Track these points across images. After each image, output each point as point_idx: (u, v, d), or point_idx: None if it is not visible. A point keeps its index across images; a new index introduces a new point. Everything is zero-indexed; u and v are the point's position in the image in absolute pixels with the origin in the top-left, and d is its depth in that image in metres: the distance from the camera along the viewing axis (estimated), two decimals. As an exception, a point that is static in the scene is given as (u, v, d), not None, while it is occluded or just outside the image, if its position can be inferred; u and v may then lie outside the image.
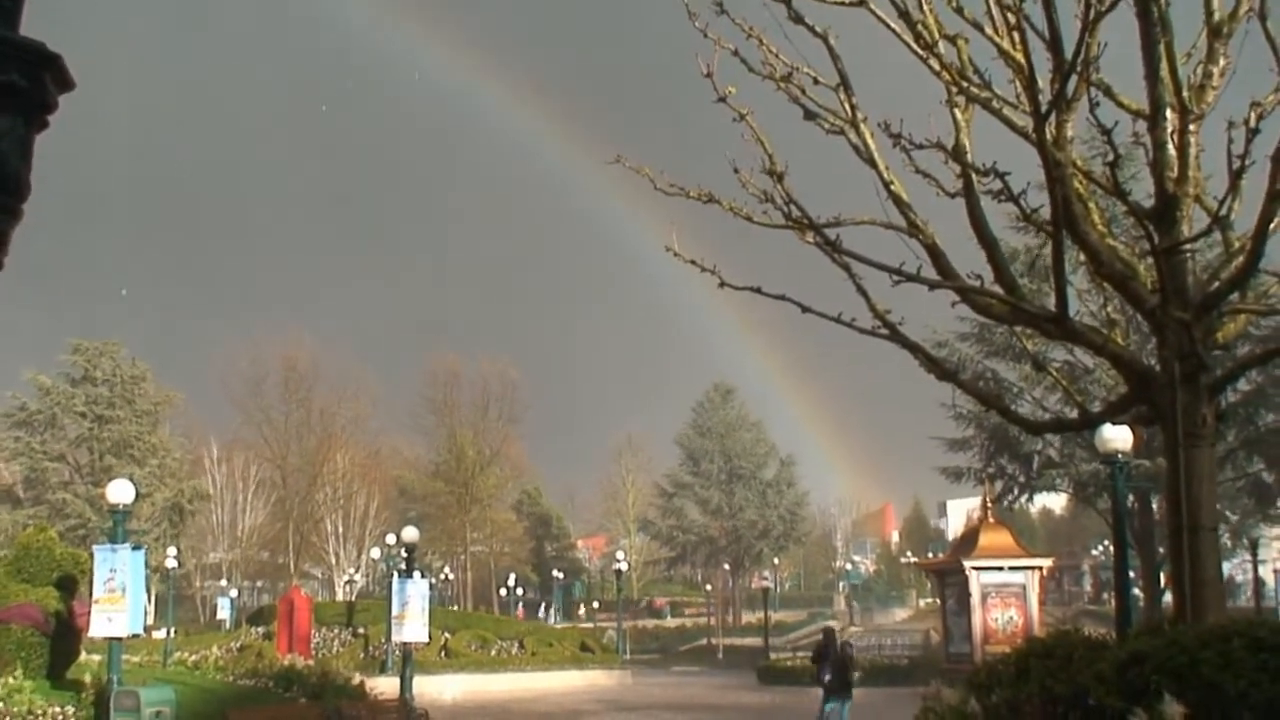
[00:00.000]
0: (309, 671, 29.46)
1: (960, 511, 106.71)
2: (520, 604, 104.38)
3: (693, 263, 15.87)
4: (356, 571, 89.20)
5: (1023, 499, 47.78)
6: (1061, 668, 13.18)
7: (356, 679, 30.46)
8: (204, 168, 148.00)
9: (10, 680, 21.45)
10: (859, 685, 40.81)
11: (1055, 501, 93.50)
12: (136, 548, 22.00)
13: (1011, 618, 26.69)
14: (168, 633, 53.11)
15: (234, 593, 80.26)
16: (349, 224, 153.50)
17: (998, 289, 13.98)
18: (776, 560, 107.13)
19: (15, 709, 20.55)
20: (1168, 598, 16.72)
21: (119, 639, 21.98)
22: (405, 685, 31.05)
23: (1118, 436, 16.69)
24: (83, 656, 26.40)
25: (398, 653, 35.54)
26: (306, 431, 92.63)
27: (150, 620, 71.70)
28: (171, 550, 60.12)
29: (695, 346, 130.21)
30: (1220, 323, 14.61)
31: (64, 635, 24.06)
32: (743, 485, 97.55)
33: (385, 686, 31.73)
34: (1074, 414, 19.27)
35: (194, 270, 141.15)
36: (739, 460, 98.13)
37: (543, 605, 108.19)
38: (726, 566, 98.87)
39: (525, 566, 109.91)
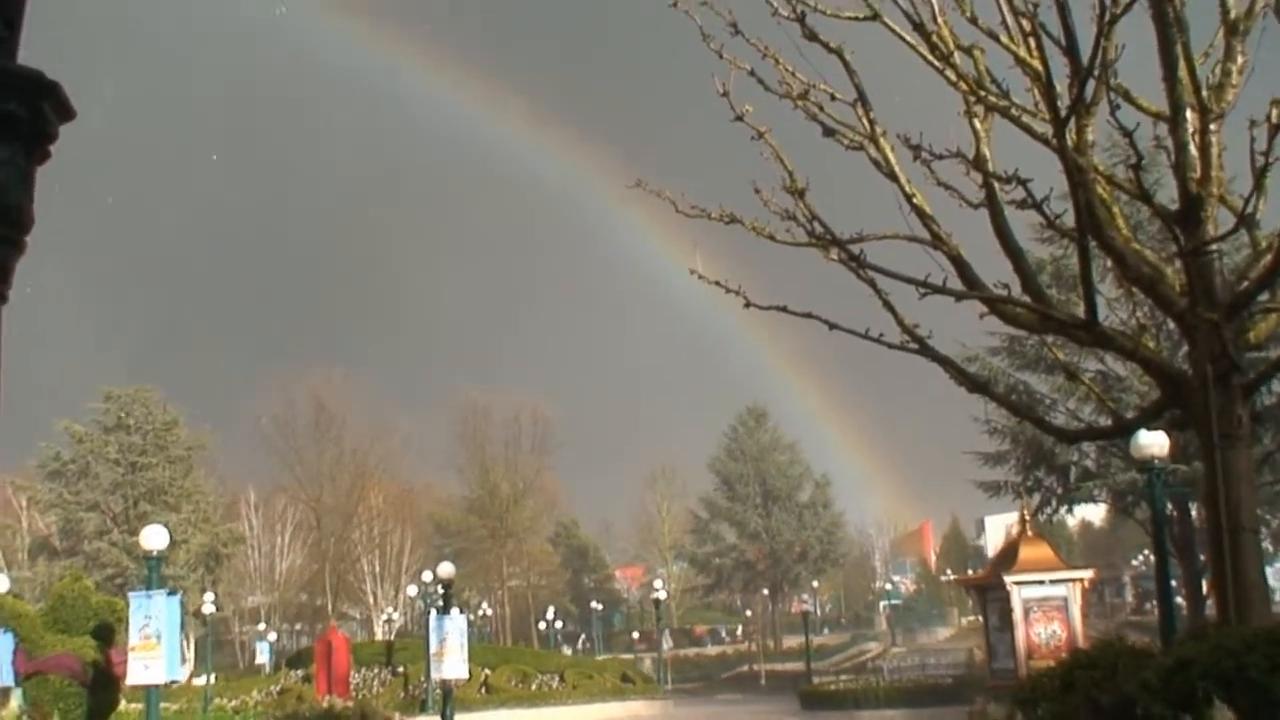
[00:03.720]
0: (348, 713, 29.47)
1: (999, 527, 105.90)
2: (559, 637, 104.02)
3: (717, 283, 15.83)
4: (395, 610, 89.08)
5: (1060, 511, 47.38)
6: (1107, 678, 13.04)
7: (395, 718, 30.35)
8: (238, 210, 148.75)
9: (49, 730, 21.51)
10: (902, 706, 40.71)
11: (1093, 513, 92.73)
12: (172, 593, 21.98)
13: (1055, 632, 26.38)
14: (207, 679, 53.03)
15: (272, 636, 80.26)
16: (375, 262, 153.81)
17: (1025, 298, 13.89)
18: (815, 583, 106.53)
19: (56, 760, 20.59)
20: (1211, 606, 16.57)
21: (157, 686, 21.95)
22: (446, 721, 30.96)
23: (1153, 442, 16.50)
24: (123, 705, 26.41)
25: (438, 690, 35.42)
26: (339, 471, 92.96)
27: (190, 667, 71.88)
28: (209, 595, 60.11)
29: (727, 371, 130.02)
30: (1251, 323, 14.49)
31: (102, 685, 24.09)
32: (779, 508, 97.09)
33: (428, 725, 31.67)
34: (1108, 422, 19.19)
35: (222, 314, 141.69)
36: (774, 483, 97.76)
37: (581, 638, 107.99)
38: (765, 591, 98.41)
39: (563, 599, 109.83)
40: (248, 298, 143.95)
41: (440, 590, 34.02)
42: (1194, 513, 38.46)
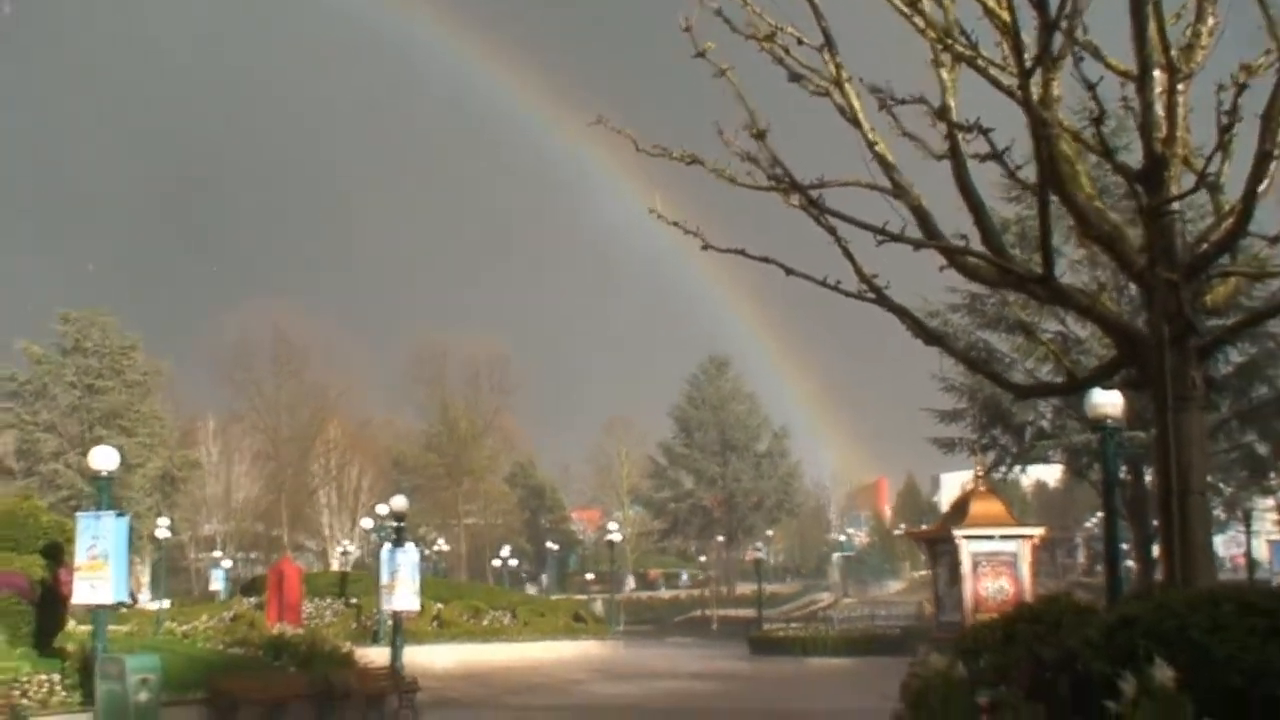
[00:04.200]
0: (298, 641, 29.38)
1: (954, 485, 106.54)
2: (514, 576, 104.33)
3: (675, 224, 15.74)
4: (350, 543, 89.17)
5: (1014, 470, 47.75)
6: (1049, 632, 13.11)
7: (346, 648, 30.37)
8: (197, 141, 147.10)
9: (-6, 647, 21.41)
10: (849, 655, 41.12)
11: (1049, 474, 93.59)
12: (120, 514, 21.89)
13: (1003, 587, 26.56)
14: (159, 603, 53.01)
15: (227, 564, 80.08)
16: (336, 197, 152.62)
17: (984, 251, 13.88)
18: (770, 532, 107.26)
19: (1, 676, 20.48)
20: (1160, 571, 16.70)
21: (103, 606, 21.87)
22: (395, 654, 30.96)
23: (1107, 401, 16.54)
24: (72, 626, 26.32)
25: (389, 622, 35.46)
26: (298, 403, 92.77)
27: (146, 592, 71.75)
28: (163, 520, 59.90)
29: (688, 320, 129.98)
30: (1210, 286, 14.51)
31: (50, 604, 23.96)
32: (736, 457, 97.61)
33: (376, 656, 31.61)
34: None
35: (185, 242, 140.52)
36: (733, 432, 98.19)
37: (543, 578, 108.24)
38: (721, 538, 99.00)
39: (519, 538, 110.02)
40: (208, 226, 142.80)
41: (393, 523, 33.95)
42: (1147, 477, 38.77)
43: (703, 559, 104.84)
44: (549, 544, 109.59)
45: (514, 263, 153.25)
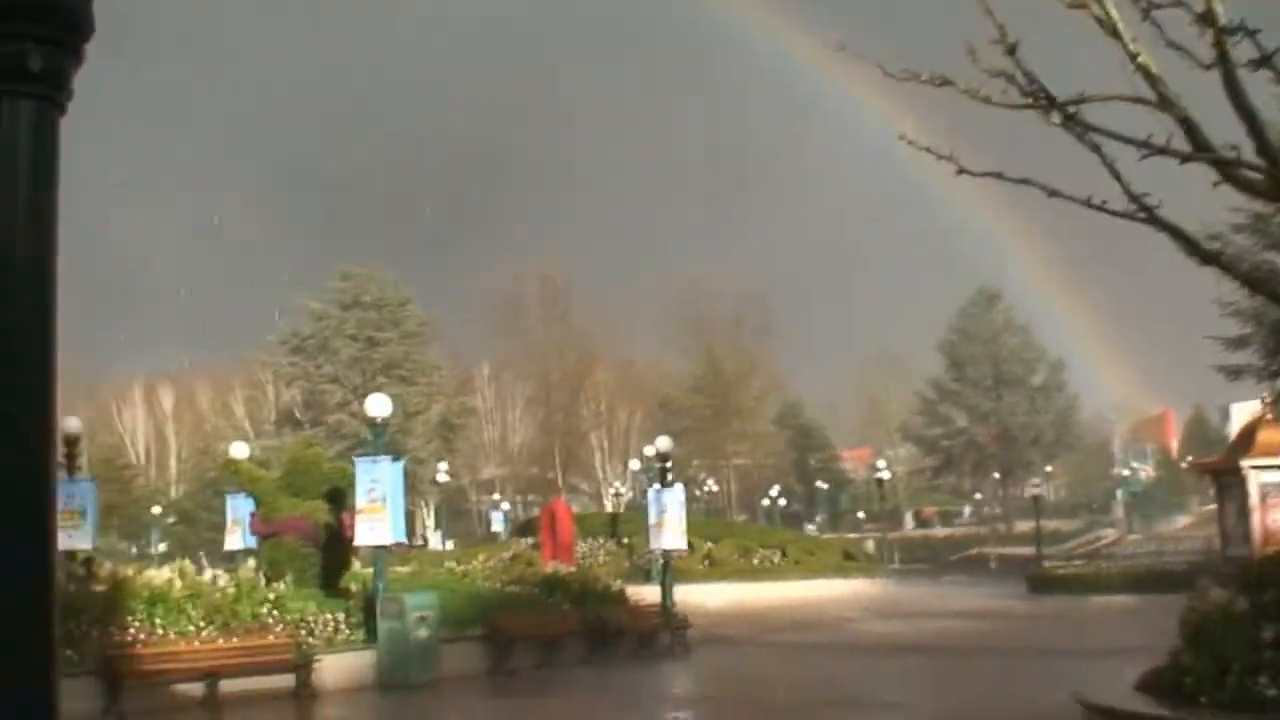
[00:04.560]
0: (571, 579, 30.03)
1: (1245, 416, 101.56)
2: (781, 516, 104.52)
3: (927, 149, 15.25)
4: (622, 484, 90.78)
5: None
6: (1340, 564, 12.39)
7: (617, 586, 30.91)
8: (463, 95, 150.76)
9: (281, 588, 22.50)
10: (1132, 592, 39.68)
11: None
12: (396, 459, 22.73)
13: (1293, 518, 25.22)
14: (442, 542, 55.10)
15: (506, 505, 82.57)
16: (601, 140, 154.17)
17: (1258, 161, 13.00)
18: (1049, 468, 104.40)
19: (288, 616, 21.53)
20: None
21: (384, 547, 22.77)
22: (666, 592, 31.32)
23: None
24: (357, 567, 27.49)
25: (659, 561, 35.91)
26: (566, 348, 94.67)
27: (437, 534, 74.86)
28: (443, 465, 62.13)
29: (955, 252, 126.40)
30: None
31: (334, 546, 25.07)
32: (1010, 391, 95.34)
33: (648, 594, 32.04)
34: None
35: (450, 190, 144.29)
36: (1006, 366, 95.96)
37: (819, 518, 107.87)
38: (996, 475, 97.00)
39: (788, 478, 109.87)
40: (477, 181, 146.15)
41: (659, 464, 34.30)
42: None
43: (977, 496, 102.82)
44: (818, 484, 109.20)
45: (772, 196, 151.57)
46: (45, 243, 2.49)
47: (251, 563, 24.62)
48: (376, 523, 22.11)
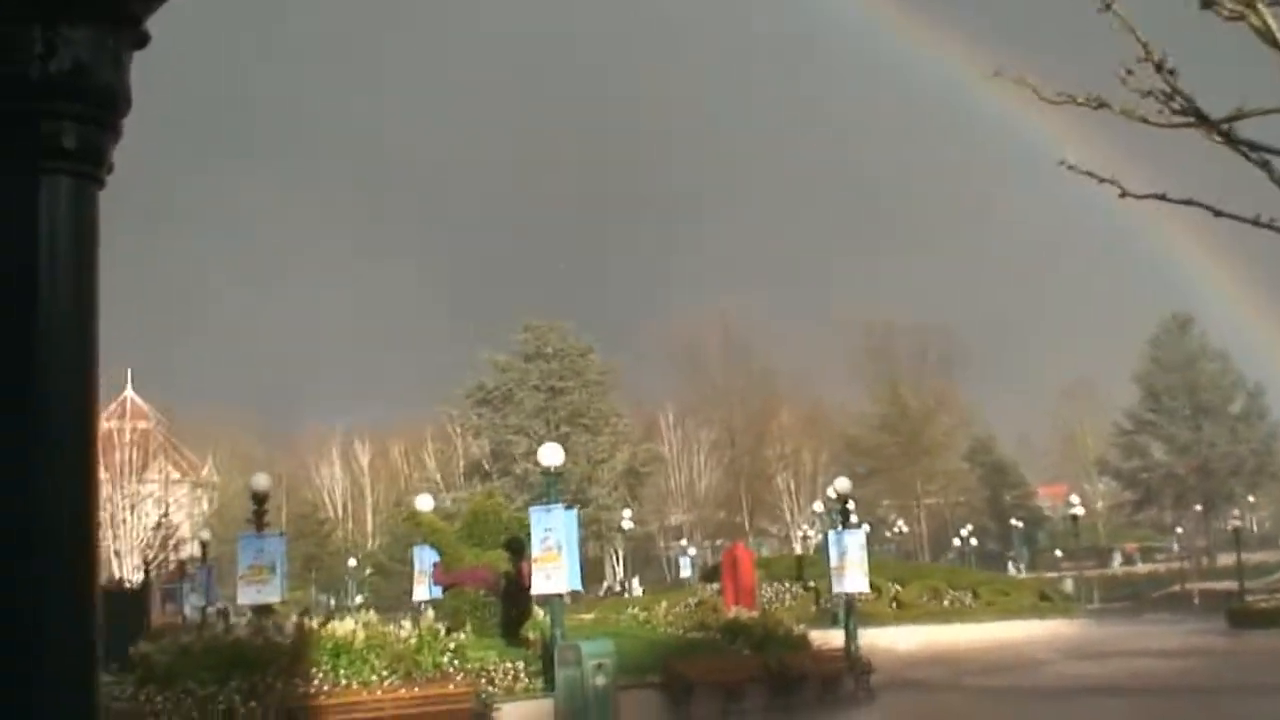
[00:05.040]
0: (753, 624, 29.82)
1: None
2: (974, 556, 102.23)
3: (1089, 174, 14.91)
4: (810, 527, 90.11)
5: None
6: None
7: (799, 630, 30.62)
8: (638, 132, 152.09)
9: (462, 637, 22.82)
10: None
11: None
12: (570, 507, 22.91)
13: None
14: (627, 588, 55.32)
15: (693, 551, 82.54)
16: (778, 179, 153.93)
17: None
18: (1251, 498, 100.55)
19: (469, 665, 21.83)
20: None
21: (560, 595, 22.95)
22: (850, 635, 30.93)
23: None
24: (540, 616, 27.76)
25: (843, 604, 35.46)
26: (749, 391, 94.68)
27: (636, 580, 75.47)
28: (626, 512, 62.49)
29: (1142, 276, 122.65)
30: None
31: (514, 595, 25.39)
32: (1209, 420, 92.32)
33: (833, 638, 31.67)
34: None
35: (630, 239, 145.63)
36: (1203, 394, 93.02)
37: (1020, 558, 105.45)
38: (1198, 507, 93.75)
39: (982, 516, 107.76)
40: (650, 226, 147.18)
41: (839, 505, 33.96)
42: None
43: (1179, 530, 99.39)
44: (1013, 521, 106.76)
45: (951, 228, 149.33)
46: (87, 318, 2.56)
47: (431, 613, 25.06)
48: (552, 571, 22.29)
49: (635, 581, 74.84)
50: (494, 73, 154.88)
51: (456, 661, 21.88)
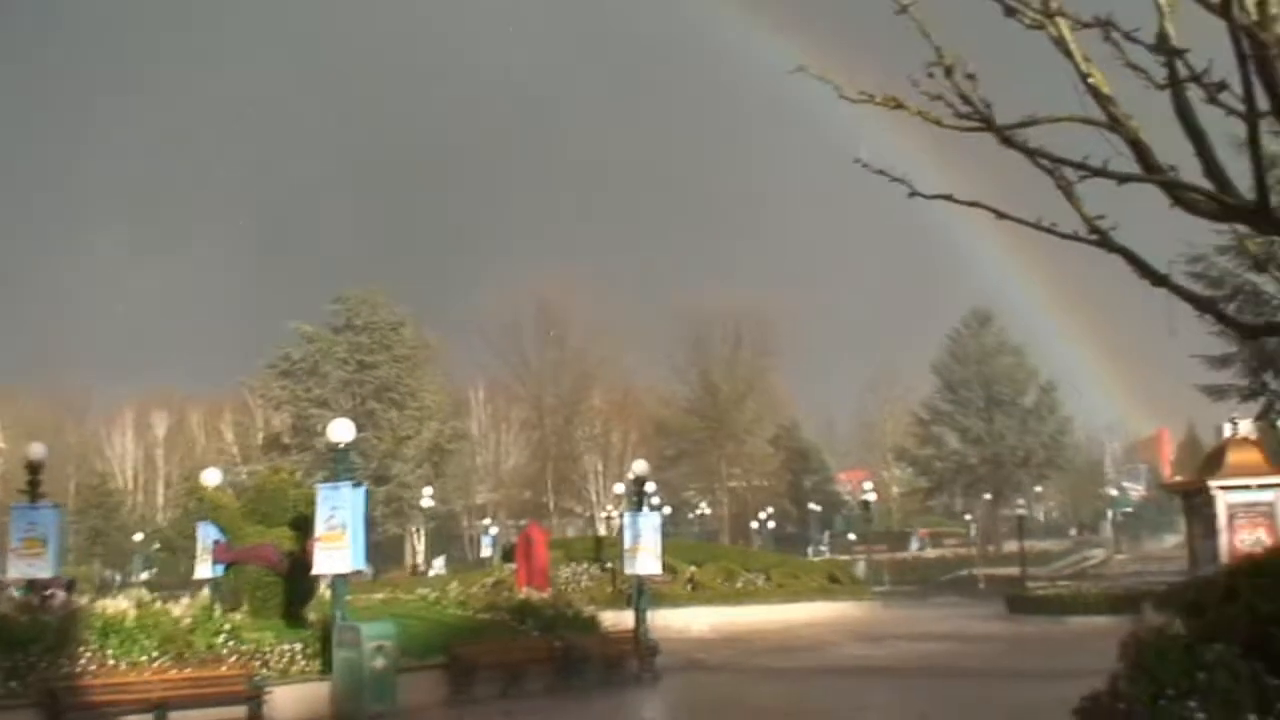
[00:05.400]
0: (544, 605, 29.77)
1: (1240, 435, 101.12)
2: (774, 539, 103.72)
3: (881, 172, 15.14)
4: (615, 508, 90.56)
5: (1289, 416, 45.11)
6: (1272, 585, 12.22)
7: (590, 612, 30.68)
8: (454, 110, 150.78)
9: (238, 617, 22.32)
10: (1110, 614, 39.36)
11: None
12: (357, 485, 22.49)
13: (1260, 538, 25.08)
14: (425, 568, 54.77)
15: (495, 530, 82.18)
16: (597, 161, 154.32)
17: (1197, 184, 12.92)
18: (1039, 489, 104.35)
19: (244, 646, 21.34)
20: None
21: (343, 575, 22.58)
22: (640, 618, 31.06)
23: (1354, 340, 15.33)
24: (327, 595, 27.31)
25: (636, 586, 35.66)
26: (562, 371, 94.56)
27: (422, 559, 74.64)
28: (428, 490, 61.79)
29: (953, 272, 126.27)
30: None
31: (299, 574, 24.84)
32: (1002, 413, 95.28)
33: (628, 620, 31.80)
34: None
35: (448, 215, 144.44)
36: (998, 387, 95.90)
37: (826, 536, 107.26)
38: (987, 496, 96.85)
39: (783, 500, 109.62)
40: (474, 198, 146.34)
41: (635, 488, 34.08)
42: None
43: (968, 517, 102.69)
44: (811, 505, 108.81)
45: (770, 216, 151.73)
46: None
47: (207, 591, 24.45)
48: (335, 550, 21.89)
49: (440, 561, 74.22)
50: (307, 45, 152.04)
51: (231, 643, 21.36)
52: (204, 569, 27.70)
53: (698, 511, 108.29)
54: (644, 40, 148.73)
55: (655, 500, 73.35)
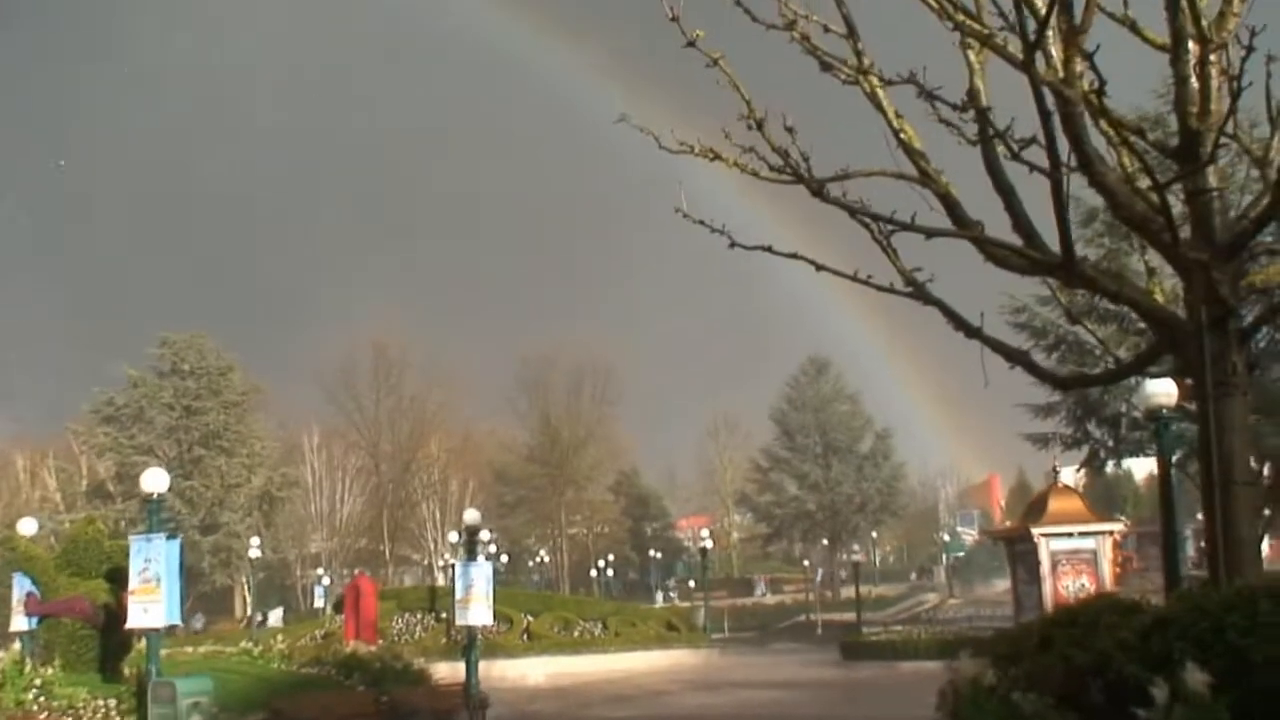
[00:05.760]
0: (372, 658, 29.26)
1: (1069, 481, 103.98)
2: (613, 585, 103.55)
3: (701, 223, 15.20)
4: (453, 556, 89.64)
5: (1109, 464, 46.52)
6: (1085, 635, 12.40)
7: (419, 664, 30.20)
8: (288, 147, 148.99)
9: (49, 673, 21.47)
10: (940, 658, 39.98)
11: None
12: (171, 537, 21.83)
13: (1083, 585, 25.73)
14: (250, 621, 53.50)
15: (327, 580, 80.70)
16: (433, 207, 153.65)
17: (1002, 239, 13.23)
18: (875, 534, 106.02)
19: (55, 703, 20.52)
20: None
21: (157, 630, 21.86)
22: (472, 669, 30.62)
23: (1160, 390, 15.84)
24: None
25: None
26: (399, 418, 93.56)
27: (250, 610, 72.77)
28: (255, 540, 60.38)
29: (791, 319, 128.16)
30: (1257, 266, 13.73)
31: (115, 628, 24.00)
32: (839, 459, 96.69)
33: (460, 671, 31.34)
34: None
35: (280, 257, 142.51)
36: (835, 434, 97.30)
37: (674, 583, 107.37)
38: (825, 542, 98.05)
39: (624, 547, 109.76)
40: (302, 237, 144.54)
41: (466, 537, 33.67)
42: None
43: (806, 563, 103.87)
44: (652, 552, 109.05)
45: (611, 262, 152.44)
46: None
47: (17, 646, 23.48)
48: (150, 604, 21.19)
49: (278, 613, 72.66)
50: (145, 75, 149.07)
51: (43, 699, 20.53)
52: (19, 622, 26.61)
53: (538, 559, 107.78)
54: (484, 81, 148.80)
55: (493, 548, 73.26)
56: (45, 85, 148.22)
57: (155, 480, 22.34)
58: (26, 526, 28.95)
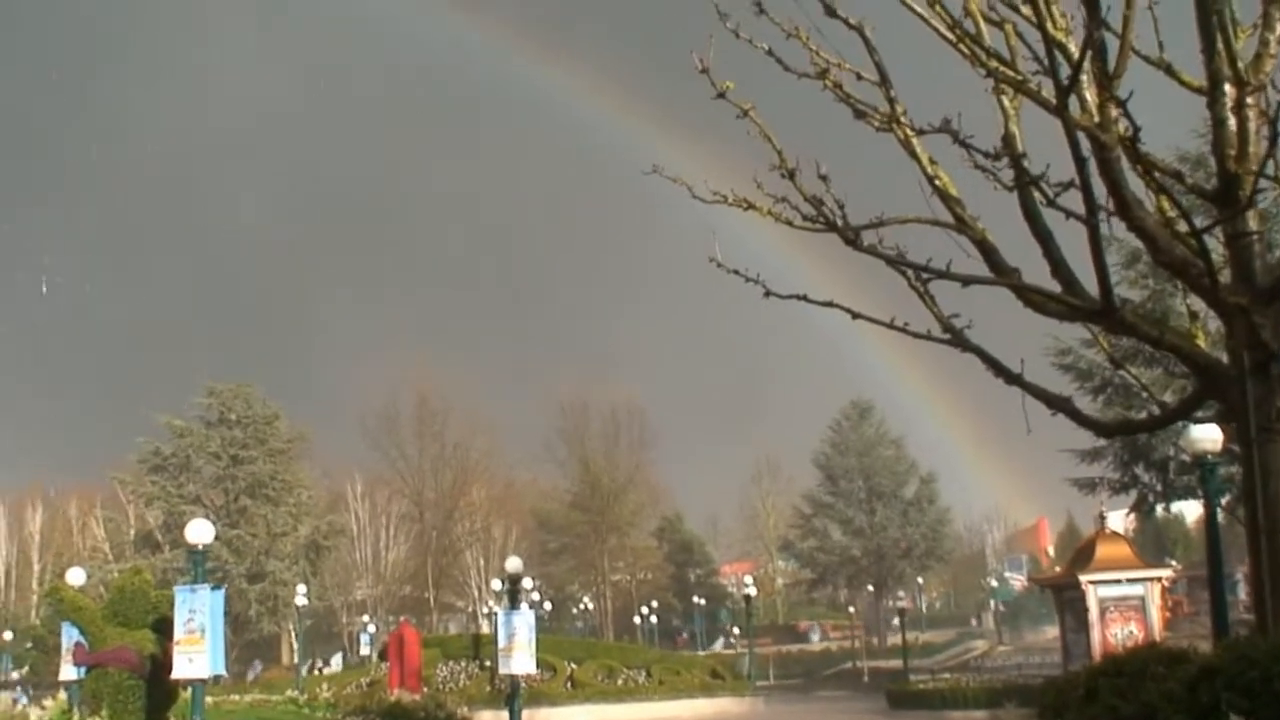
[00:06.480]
0: (416, 707, 29.29)
1: (1118, 525, 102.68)
2: (656, 633, 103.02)
3: (735, 272, 15.21)
4: (497, 604, 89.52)
5: (1157, 508, 46.07)
6: (1131, 686, 12.28)
7: (462, 713, 30.22)
8: (325, 198, 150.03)
9: (96, 723, 21.60)
10: (990, 707, 39.51)
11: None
12: (215, 588, 21.96)
13: (1131, 632, 25.42)
14: (298, 670, 53.62)
15: (372, 628, 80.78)
16: (473, 254, 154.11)
17: (1039, 286, 13.17)
18: (920, 579, 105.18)
19: (102, 755, 20.63)
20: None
21: (202, 681, 21.94)
22: (514, 718, 30.62)
23: (1205, 436, 15.70)
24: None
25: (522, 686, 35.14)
26: (442, 465, 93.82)
27: (297, 658, 72.89)
28: (301, 588, 60.51)
29: (835, 363, 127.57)
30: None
31: (160, 678, 24.08)
32: (883, 504, 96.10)
33: (505, 720, 31.29)
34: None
35: (323, 308, 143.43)
36: (879, 478, 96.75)
37: (688, 634, 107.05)
38: (870, 587, 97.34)
39: (667, 594, 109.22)
40: (347, 287, 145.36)
41: (508, 585, 33.68)
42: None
43: (852, 609, 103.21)
44: (695, 598, 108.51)
45: (649, 307, 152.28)
46: None
47: (64, 694, 23.58)
48: (195, 654, 21.29)
49: (338, 658, 72.86)
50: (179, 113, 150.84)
51: (88, 750, 20.64)
52: (68, 671, 26.84)
53: (581, 605, 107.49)
54: (516, 132, 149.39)
55: (535, 596, 73.14)
56: (87, 125, 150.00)
57: (200, 532, 22.47)
58: (75, 576, 29.29)
